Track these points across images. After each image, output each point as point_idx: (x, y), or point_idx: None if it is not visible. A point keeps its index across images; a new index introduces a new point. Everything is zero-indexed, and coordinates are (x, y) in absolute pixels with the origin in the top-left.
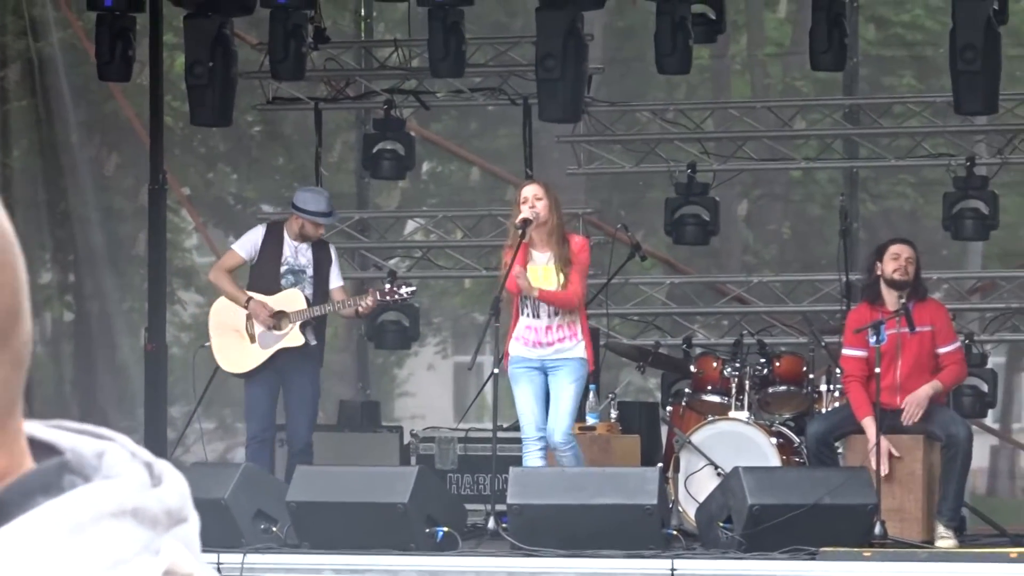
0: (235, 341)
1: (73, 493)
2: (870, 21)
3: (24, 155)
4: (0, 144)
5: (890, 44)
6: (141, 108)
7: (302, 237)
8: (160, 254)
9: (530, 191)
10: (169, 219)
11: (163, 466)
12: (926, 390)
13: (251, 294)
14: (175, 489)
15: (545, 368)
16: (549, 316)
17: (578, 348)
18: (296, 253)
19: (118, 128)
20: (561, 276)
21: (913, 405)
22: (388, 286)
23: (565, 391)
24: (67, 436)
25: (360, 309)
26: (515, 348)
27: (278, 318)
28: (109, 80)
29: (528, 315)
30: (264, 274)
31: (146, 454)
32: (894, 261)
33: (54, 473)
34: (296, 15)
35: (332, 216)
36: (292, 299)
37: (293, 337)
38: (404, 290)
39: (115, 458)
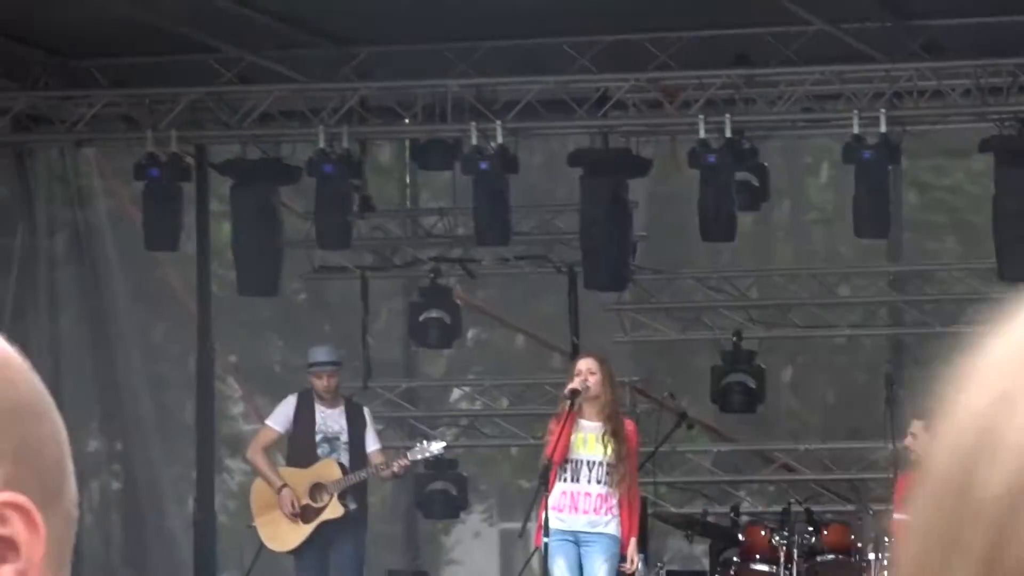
0: (278, 519)
1: None
2: (912, 186)
3: (72, 323)
4: (48, 312)
5: (933, 209)
6: (188, 277)
7: (325, 400)
8: (208, 422)
9: (585, 364)
10: (216, 387)
11: None
12: None
13: (285, 479)
14: None
15: (579, 540)
16: (589, 482)
17: (612, 524)
18: (327, 420)
19: (165, 296)
20: (608, 448)
21: None
22: (418, 444)
23: (597, 569)
24: None
25: (395, 471)
26: (551, 520)
27: (316, 491)
28: (156, 249)
29: (569, 479)
30: (300, 445)
31: None
32: (907, 438)
33: None
34: (342, 184)
35: (335, 365)
36: (328, 470)
37: (333, 509)
38: (434, 446)
39: None
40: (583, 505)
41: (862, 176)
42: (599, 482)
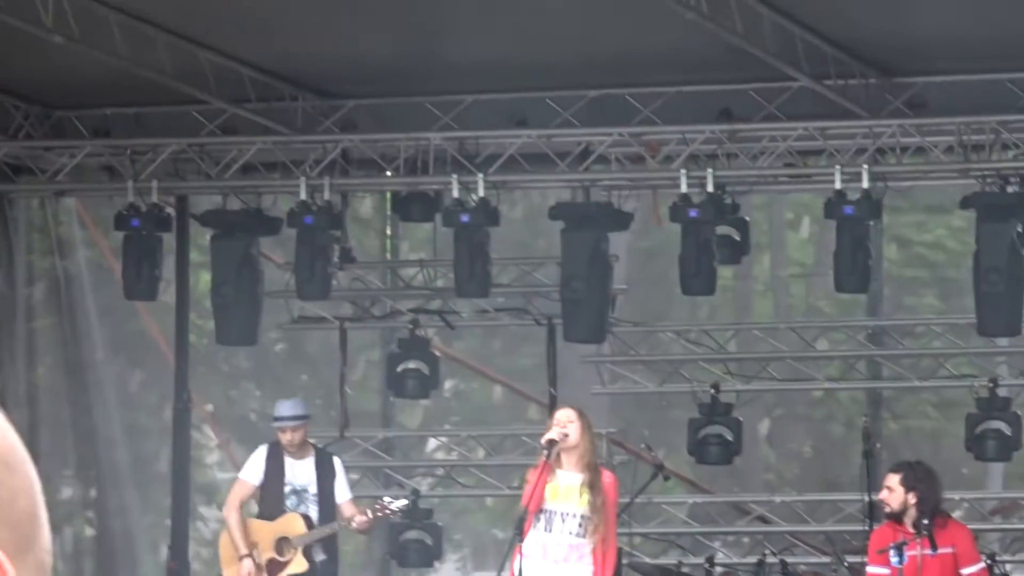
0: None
1: None
2: (892, 241)
3: (49, 372)
4: (26, 361)
5: (913, 264)
6: (166, 326)
7: (293, 453)
8: (183, 471)
9: (563, 415)
10: (192, 436)
11: None
12: None
13: (252, 540)
14: None
15: None
16: (562, 533)
17: (583, 571)
18: (295, 472)
19: (143, 346)
20: (584, 499)
21: None
22: (379, 503)
23: None
24: None
25: (355, 526)
26: (523, 568)
27: (281, 544)
28: (135, 298)
29: (542, 529)
30: (269, 497)
31: None
32: (883, 491)
33: None
34: (322, 235)
35: (297, 420)
36: (292, 524)
37: (298, 563)
38: (395, 505)
39: None
40: (554, 554)
41: (843, 231)
42: (571, 533)
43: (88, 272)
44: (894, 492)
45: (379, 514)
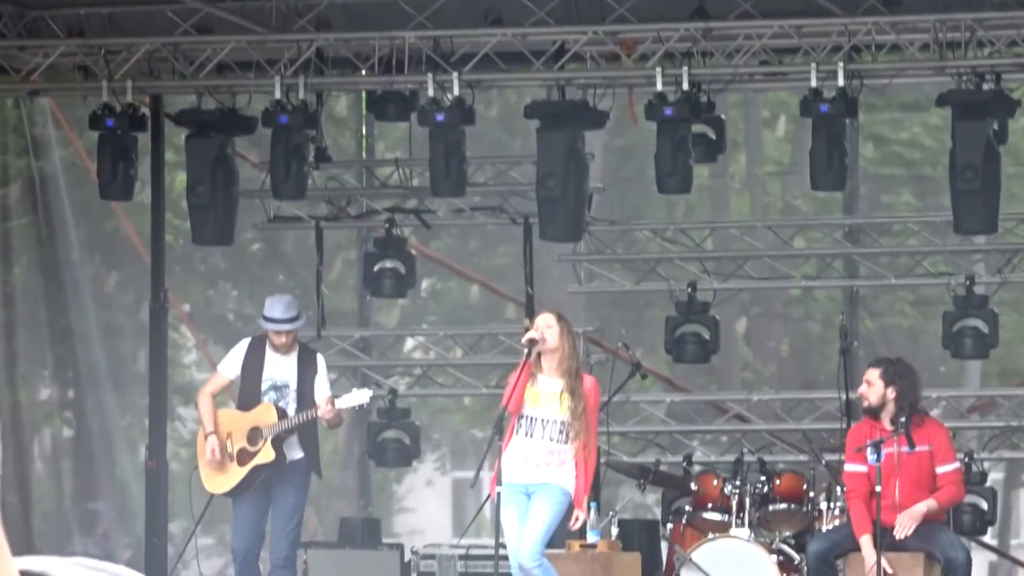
0: (218, 462)
1: None
2: (869, 139)
3: (25, 273)
4: (1, 262)
5: (889, 163)
6: (142, 226)
7: (276, 348)
8: (161, 371)
9: (542, 319)
10: (169, 336)
11: None
12: (920, 507)
13: (219, 423)
14: None
15: (529, 493)
16: (543, 439)
17: (563, 476)
18: (278, 367)
19: (119, 246)
20: (564, 405)
21: (906, 518)
22: (347, 394)
23: (539, 512)
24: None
25: (322, 415)
26: (505, 469)
27: (253, 434)
28: (110, 199)
29: (523, 435)
30: (247, 391)
31: None
32: (862, 386)
33: None
34: (298, 135)
35: (292, 322)
36: (265, 415)
37: (265, 453)
38: (357, 396)
39: None
40: (534, 460)
41: (819, 129)
42: (552, 440)
43: (63, 172)
44: (873, 386)
45: (343, 406)
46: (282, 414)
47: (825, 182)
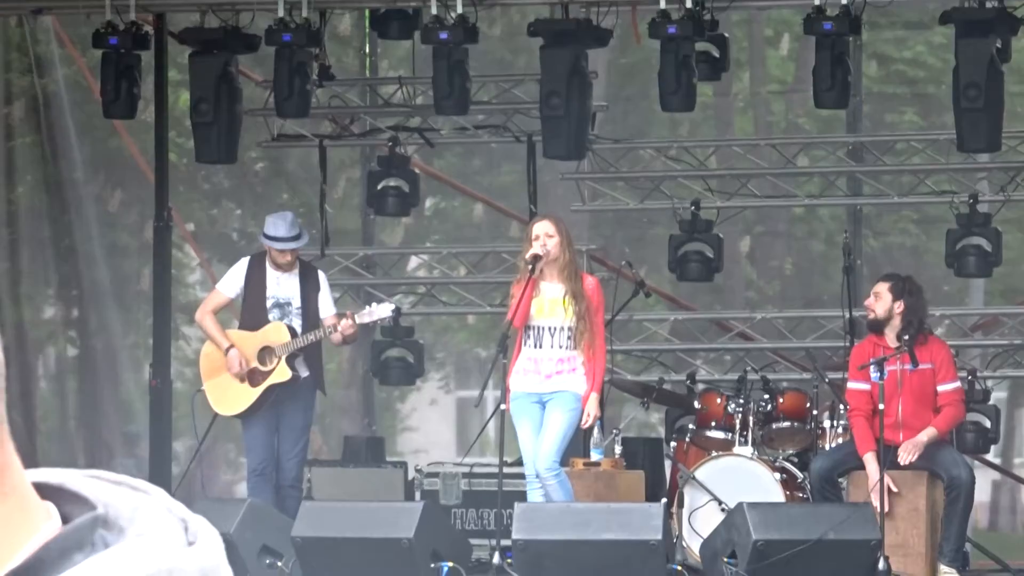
0: (227, 383)
1: (111, 552)
2: (872, 58)
3: (29, 191)
4: (5, 180)
5: (892, 81)
6: (146, 145)
7: (278, 266)
8: (164, 290)
9: (541, 228)
10: (173, 255)
11: (198, 523)
12: (922, 437)
13: (233, 340)
14: (210, 548)
15: (543, 402)
16: (552, 347)
17: (575, 382)
18: (280, 284)
19: (122, 165)
20: (569, 310)
21: (910, 446)
22: (367, 307)
23: (554, 420)
24: (103, 488)
25: (343, 332)
26: (515, 382)
27: (264, 354)
28: (114, 117)
29: (532, 346)
30: (251, 310)
31: (182, 509)
32: (869, 298)
33: (88, 528)
34: (301, 53)
35: (295, 240)
36: (277, 333)
37: (280, 372)
38: (381, 309)
39: (150, 514)
40: (546, 369)
41: (822, 47)
42: (561, 347)
43: (67, 91)
44: (881, 299)
45: (366, 320)
46: (293, 332)
47: (828, 100)
